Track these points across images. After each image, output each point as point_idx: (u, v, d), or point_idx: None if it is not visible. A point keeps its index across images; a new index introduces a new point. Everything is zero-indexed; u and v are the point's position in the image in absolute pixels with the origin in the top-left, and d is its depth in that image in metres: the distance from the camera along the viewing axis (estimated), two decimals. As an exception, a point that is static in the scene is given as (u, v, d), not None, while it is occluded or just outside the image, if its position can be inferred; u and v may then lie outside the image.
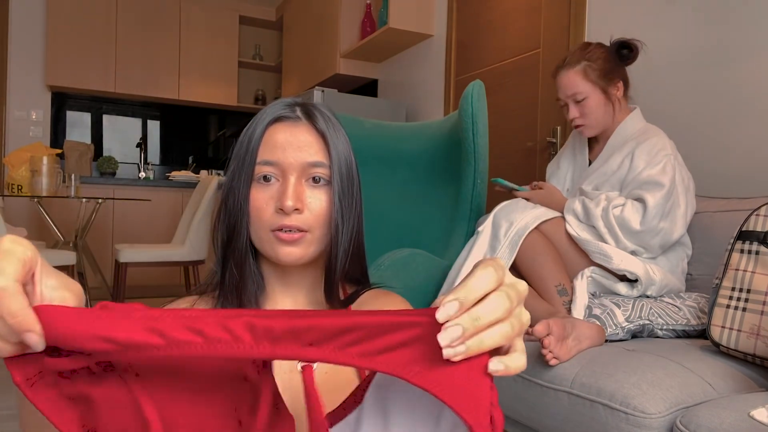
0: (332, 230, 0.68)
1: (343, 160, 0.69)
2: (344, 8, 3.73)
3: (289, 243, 0.67)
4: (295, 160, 0.66)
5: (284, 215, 0.65)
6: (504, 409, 1.25)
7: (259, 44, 5.53)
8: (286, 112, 0.69)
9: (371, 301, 0.77)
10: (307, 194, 0.67)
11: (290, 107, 0.70)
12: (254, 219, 0.68)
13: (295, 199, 0.65)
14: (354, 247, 0.72)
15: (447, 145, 1.99)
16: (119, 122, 5.11)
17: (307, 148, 0.67)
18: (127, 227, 4.39)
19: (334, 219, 0.67)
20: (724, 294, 1.14)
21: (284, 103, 0.70)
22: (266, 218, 0.67)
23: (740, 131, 1.70)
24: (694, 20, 1.84)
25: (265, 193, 0.67)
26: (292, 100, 0.71)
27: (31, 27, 4.55)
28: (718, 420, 0.84)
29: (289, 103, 0.70)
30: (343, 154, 0.69)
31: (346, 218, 0.68)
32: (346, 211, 0.68)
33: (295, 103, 0.71)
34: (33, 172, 3.21)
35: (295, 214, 0.66)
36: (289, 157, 0.66)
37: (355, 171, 0.71)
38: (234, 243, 0.69)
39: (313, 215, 0.67)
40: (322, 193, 0.67)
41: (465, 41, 3.07)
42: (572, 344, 1.14)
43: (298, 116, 0.69)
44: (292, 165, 0.66)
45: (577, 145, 1.71)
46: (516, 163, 2.65)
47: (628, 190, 1.46)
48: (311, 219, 0.67)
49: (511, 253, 1.41)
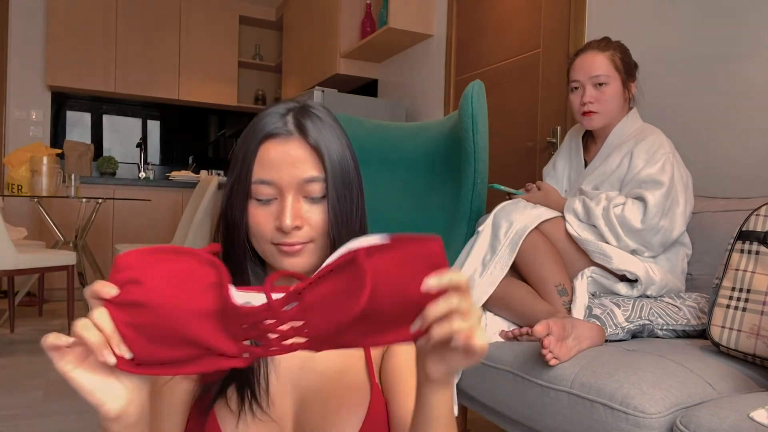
0: (332, 241, 0.69)
1: (338, 169, 0.68)
2: (344, 8, 3.73)
3: (292, 255, 0.68)
4: (291, 178, 0.66)
5: (284, 233, 0.66)
6: (504, 409, 1.25)
7: (259, 44, 5.53)
8: (278, 128, 0.67)
9: None
10: (305, 209, 0.67)
11: (282, 119, 0.68)
12: (256, 234, 0.68)
13: (294, 217, 0.66)
14: None
15: (447, 145, 1.99)
16: (119, 122, 5.11)
17: (300, 164, 0.66)
18: (127, 227, 4.39)
19: (332, 230, 0.68)
20: (724, 294, 1.14)
21: (278, 114, 0.68)
22: (267, 234, 0.67)
23: (740, 131, 1.70)
24: (694, 20, 1.84)
25: (264, 211, 0.67)
26: (284, 108, 0.69)
27: (31, 27, 4.55)
28: (718, 420, 0.84)
29: (282, 113, 0.69)
30: (338, 161, 0.68)
31: (346, 225, 0.69)
32: (345, 219, 0.69)
33: (288, 109, 0.69)
34: (33, 172, 3.21)
35: (295, 231, 0.66)
36: (285, 175, 0.66)
37: (353, 173, 0.70)
38: (235, 256, 0.70)
39: (314, 229, 0.68)
40: (320, 207, 0.68)
41: (465, 41, 3.07)
42: (572, 344, 1.14)
43: (289, 131, 0.67)
44: (288, 183, 0.66)
45: (573, 146, 1.71)
46: (516, 163, 2.65)
47: (628, 189, 1.45)
48: (312, 232, 0.68)
49: (511, 253, 1.41)
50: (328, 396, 0.71)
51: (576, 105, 1.56)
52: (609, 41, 1.56)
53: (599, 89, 1.52)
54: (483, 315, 1.45)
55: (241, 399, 0.68)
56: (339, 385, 0.72)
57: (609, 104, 1.52)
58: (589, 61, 1.53)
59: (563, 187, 1.69)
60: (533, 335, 1.11)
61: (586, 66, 1.53)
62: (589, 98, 1.52)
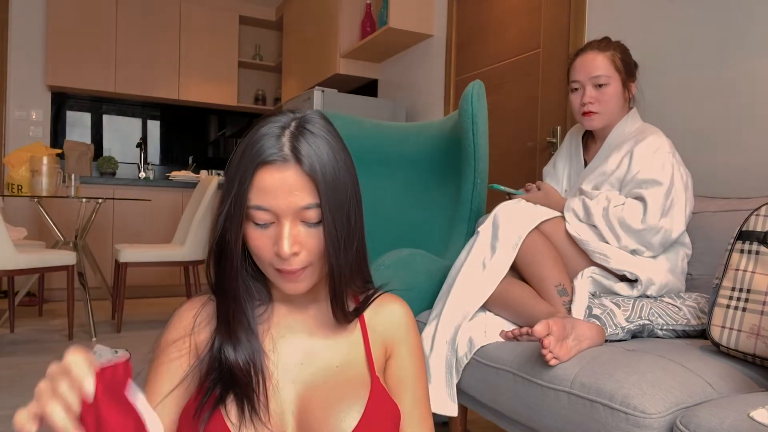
0: (329, 264, 0.70)
1: (333, 193, 0.67)
2: (344, 8, 3.73)
3: (293, 280, 0.69)
4: (288, 205, 0.66)
5: (283, 260, 0.67)
6: (504, 409, 1.25)
7: (259, 44, 5.53)
8: (275, 155, 0.66)
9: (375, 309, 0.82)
10: (303, 234, 0.68)
11: (278, 141, 0.66)
12: (256, 256, 0.70)
13: (292, 244, 0.66)
14: (356, 264, 0.75)
15: (447, 145, 1.99)
16: (119, 122, 5.11)
17: (297, 192, 0.66)
18: (127, 227, 4.39)
19: (329, 256, 0.69)
20: (724, 294, 1.14)
21: (273, 136, 0.67)
22: (267, 258, 0.69)
23: (740, 131, 1.70)
24: (694, 20, 1.84)
25: (262, 235, 0.68)
26: (279, 128, 0.68)
27: (31, 27, 4.55)
28: (718, 420, 0.84)
29: (277, 135, 0.67)
30: (333, 184, 0.67)
31: (343, 248, 0.70)
32: (341, 242, 0.69)
33: (283, 128, 0.68)
34: (33, 172, 3.21)
35: (294, 258, 0.67)
36: (282, 203, 0.66)
37: (349, 193, 0.70)
38: (230, 280, 0.71)
39: (312, 253, 0.69)
40: (318, 231, 0.68)
41: (465, 41, 3.07)
42: (572, 344, 1.14)
43: (285, 157, 0.66)
44: (285, 210, 0.66)
45: (572, 146, 1.71)
46: (516, 163, 2.65)
47: (628, 189, 1.45)
48: (310, 256, 0.69)
49: (511, 253, 1.41)
50: (329, 389, 0.73)
51: (576, 105, 1.57)
52: (609, 41, 1.56)
53: (599, 89, 1.52)
54: (485, 314, 1.45)
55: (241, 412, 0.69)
56: (340, 378, 0.74)
57: (609, 104, 1.52)
58: (589, 62, 1.53)
59: (563, 187, 1.69)
60: (533, 335, 1.11)
61: (586, 66, 1.53)
62: (589, 98, 1.53)
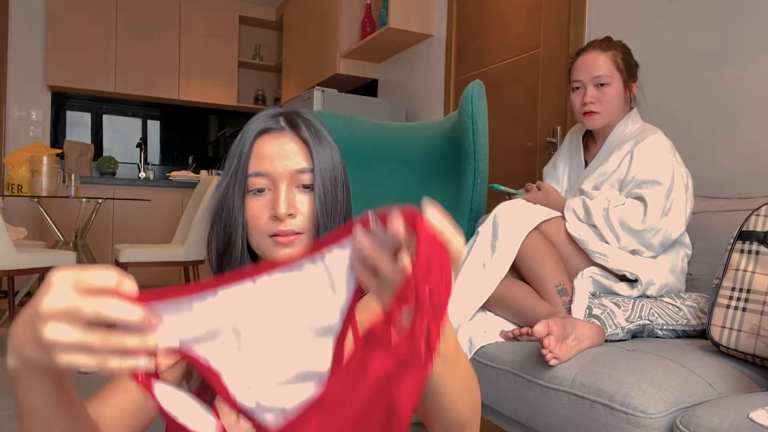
0: (317, 227, 0.72)
1: (326, 165, 0.72)
2: (344, 8, 3.73)
3: (286, 245, 0.71)
4: (284, 169, 0.71)
5: (279, 221, 0.70)
6: (504, 409, 1.25)
7: (259, 44, 5.53)
8: (271, 124, 0.73)
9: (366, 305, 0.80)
10: (298, 199, 0.71)
11: (274, 118, 0.73)
12: (252, 227, 0.72)
13: (288, 205, 0.70)
14: None
15: (447, 145, 1.99)
16: (119, 122, 5.11)
17: (293, 156, 0.71)
18: (127, 227, 4.39)
19: (317, 220, 0.72)
20: (724, 294, 1.14)
21: (268, 115, 0.74)
22: (263, 225, 0.71)
23: (740, 131, 1.70)
24: (694, 20, 1.84)
25: (259, 203, 0.71)
26: (275, 111, 0.75)
27: (31, 27, 4.55)
28: (718, 420, 0.84)
29: (273, 114, 0.74)
30: (326, 158, 0.73)
31: (330, 219, 0.72)
32: (329, 212, 0.72)
33: (279, 113, 0.74)
34: (33, 172, 3.21)
35: (289, 219, 0.70)
36: (278, 167, 0.71)
37: (340, 173, 0.75)
38: (231, 253, 0.73)
39: (306, 218, 0.71)
40: (311, 198, 0.72)
41: (465, 41, 3.07)
42: (572, 344, 1.14)
43: (282, 126, 0.73)
44: (281, 174, 0.71)
45: (573, 146, 1.71)
46: (516, 163, 2.65)
47: (628, 189, 1.45)
48: (304, 222, 0.71)
49: (511, 253, 1.41)
50: None
51: (577, 105, 1.56)
52: (611, 41, 1.56)
53: (601, 89, 1.52)
54: (484, 314, 1.45)
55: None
56: None
57: (610, 104, 1.52)
58: (591, 61, 1.53)
59: (563, 187, 1.69)
60: (533, 335, 1.11)
61: (587, 66, 1.53)
62: (590, 98, 1.52)
